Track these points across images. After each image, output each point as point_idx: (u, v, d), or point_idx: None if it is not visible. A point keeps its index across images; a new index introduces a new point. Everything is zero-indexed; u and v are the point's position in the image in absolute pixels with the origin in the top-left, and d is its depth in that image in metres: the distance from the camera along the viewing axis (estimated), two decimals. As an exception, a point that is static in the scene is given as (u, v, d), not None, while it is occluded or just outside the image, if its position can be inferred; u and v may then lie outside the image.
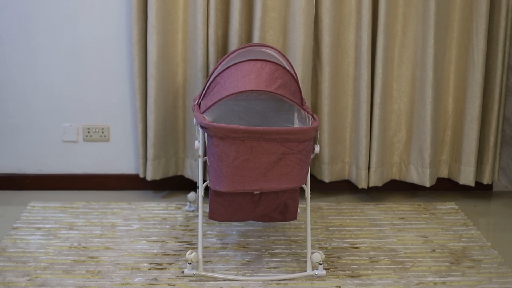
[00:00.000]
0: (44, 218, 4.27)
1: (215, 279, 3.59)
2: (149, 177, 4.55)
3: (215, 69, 3.82)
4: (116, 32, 4.51)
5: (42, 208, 4.40)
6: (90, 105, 4.62)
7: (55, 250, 3.87)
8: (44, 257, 3.80)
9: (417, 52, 4.47)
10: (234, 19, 4.34)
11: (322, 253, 3.61)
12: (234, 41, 4.36)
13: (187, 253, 3.59)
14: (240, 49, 3.93)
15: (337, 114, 4.58)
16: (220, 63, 3.84)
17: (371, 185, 4.59)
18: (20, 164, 4.71)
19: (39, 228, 4.13)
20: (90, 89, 4.59)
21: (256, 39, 4.35)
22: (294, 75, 3.76)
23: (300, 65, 4.37)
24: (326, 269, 3.70)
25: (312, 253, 3.63)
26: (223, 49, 4.46)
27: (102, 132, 4.65)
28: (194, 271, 3.59)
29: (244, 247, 3.95)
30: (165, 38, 4.38)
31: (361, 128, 4.49)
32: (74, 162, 4.71)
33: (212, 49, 4.37)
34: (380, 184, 4.62)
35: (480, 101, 4.51)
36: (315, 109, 4.55)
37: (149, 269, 3.69)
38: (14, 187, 4.71)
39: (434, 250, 3.95)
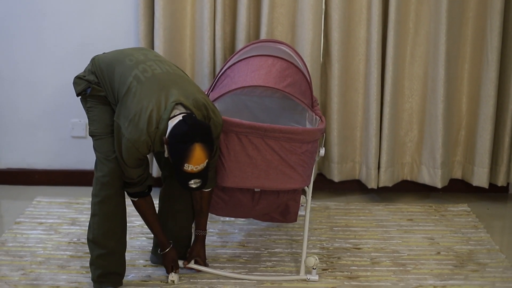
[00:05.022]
0: (48, 213, 4.26)
1: (209, 277, 3.54)
2: (155, 173, 4.51)
3: (227, 62, 3.77)
4: (124, 27, 4.48)
5: (47, 203, 4.39)
6: (99, 100, 4.60)
7: (54, 245, 3.86)
8: (42, 251, 3.78)
9: (430, 50, 4.36)
10: (242, 15, 4.29)
11: (317, 258, 3.52)
12: (241, 37, 4.31)
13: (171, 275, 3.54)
14: (254, 43, 3.87)
15: (347, 112, 4.49)
16: (233, 56, 3.78)
17: (381, 185, 4.50)
18: (29, 159, 4.71)
19: (41, 223, 4.12)
20: (98, 84, 4.57)
21: (264, 35, 4.29)
22: (307, 75, 3.69)
23: (308, 61, 4.30)
24: (324, 269, 3.63)
25: (307, 256, 3.55)
26: (231, 45, 4.41)
27: (111, 128, 4.63)
28: (181, 262, 3.54)
29: (244, 246, 3.89)
30: (172, 33, 4.34)
31: (370, 126, 4.40)
32: (83, 157, 4.69)
33: (219, 45, 4.32)
34: (390, 184, 4.52)
35: (495, 100, 4.39)
36: (324, 107, 4.47)
37: (144, 266, 3.65)
38: (23, 182, 4.71)
39: (439, 253, 3.84)
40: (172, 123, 3.09)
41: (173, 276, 3.49)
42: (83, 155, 4.69)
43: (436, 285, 3.50)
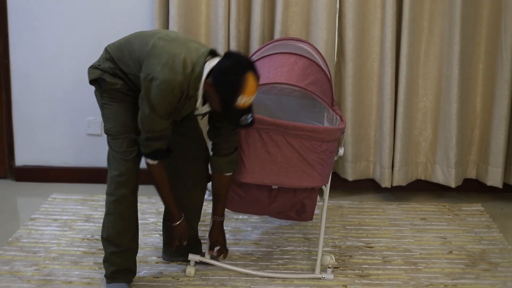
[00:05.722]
0: (63, 210, 4.29)
1: (220, 274, 3.57)
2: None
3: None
4: (140, 26, 4.48)
5: (62, 200, 4.43)
6: (114, 98, 4.63)
7: (68, 242, 3.89)
8: (56, 248, 3.82)
9: (444, 49, 4.36)
10: (256, 14, 4.30)
11: (333, 257, 3.54)
12: (255, 36, 4.32)
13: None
14: (276, 41, 3.88)
15: (361, 112, 4.49)
16: (255, 53, 3.79)
17: (394, 184, 4.49)
18: (45, 156, 4.75)
19: (56, 220, 4.16)
20: (114, 82, 4.60)
21: (278, 34, 4.30)
22: (328, 74, 3.69)
23: (322, 60, 4.31)
24: (336, 267, 3.64)
25: (323, 255, 3.57)
26: (245, 44, 4.43)
27: (126, 126, 4.66)
28: (198, 257, 3.55)
29: (257, 244, 3.91)
30: (186, 32, 4.36)
31: (384, 126, 4.40)
32: (98, 155, 4.71)
33: (233, 44, 4.34)
34: (404, 184, 4.52)
35: (509, 99, 4.37)
36: (339, 106, 4.47)
37: (156, 263, 3.68)
38: (39, 179, 4.76)
39: (451, 252, 3.84)
40: (209, 65, 3.08)
41: (190, 270, 3.54)
42: (98, 153, 4.71)
43: (447, 284, 3.51)
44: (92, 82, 3.39)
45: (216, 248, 3.53)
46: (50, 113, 4.68)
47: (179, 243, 3.45)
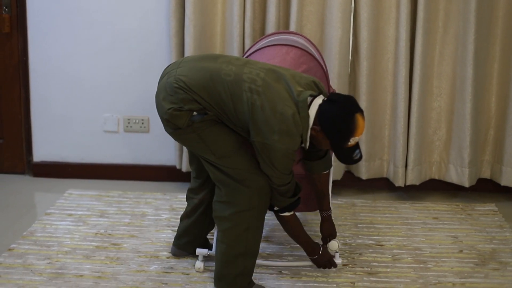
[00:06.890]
0: (78, 205, 4.35)
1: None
2: (184, 169, 4.58)
3: (243, 55, 3.81)
4: (156, 25, 4.55)
5: (78, 196, 4.49)
6: (131, 96, 4.69)
7: (81, 236, 3.94)
8: (69, 242, 3.87)
9: (458, 49, 4.35)
10: (271, 13, 4.32)
11: (339, 242, 3.57)
12: (270, 34, 4.35)
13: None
14: (269, 35, 3.91)
15: (375, 111, 4.50)
16: (248, 50, 3.83)
17: (408, 183, 4.50)
18: (62, 152, 4.81)
19: (70, 215, 4.21)
20: (130, 80, 4.65)
21: (292, 33, 4.33)
22: (322, 62, 3.69)
23: (336, 59, 4.32)
24: (345, 265, 3.65)
25: (330, 241, 3.59)
26: (260, 42, 4.45)
27: (142, 123, 4.71)
28: (206, 251, 3.59)
29: (268, 240, 3.93)
30: (202, 30, 4.39)
31: (398, 125, 4.41)
32: (115, 152, 4.78)
33: (248, 42, 4.36)
34: (417, 183, 4.52)
35: (524, 100, 4.36)
36: (352, 105, 4.48)
37: (167, 258, 3.71)
38: (56, 175, 4.82)
39: (461, 251, 3.83)
40: (312, 113, 3.08)
41: (199, 265, 3.57)
42: (114, 149, 4.78)
43: (455, 282, 3.51)
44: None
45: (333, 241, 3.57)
46: (67, 110, 4.73)
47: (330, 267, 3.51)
